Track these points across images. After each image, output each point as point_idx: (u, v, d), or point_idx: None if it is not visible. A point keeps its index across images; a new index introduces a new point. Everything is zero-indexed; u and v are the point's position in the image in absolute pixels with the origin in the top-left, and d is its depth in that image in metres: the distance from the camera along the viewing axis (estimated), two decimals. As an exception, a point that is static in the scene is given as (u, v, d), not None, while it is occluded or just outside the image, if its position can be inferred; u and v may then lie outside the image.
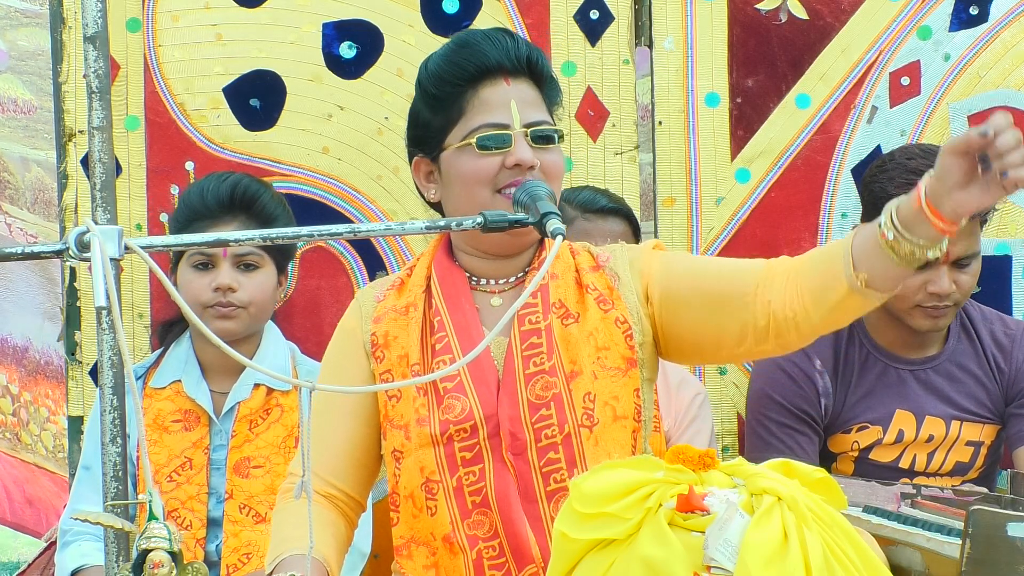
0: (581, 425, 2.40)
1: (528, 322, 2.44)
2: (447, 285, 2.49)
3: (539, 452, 2.39)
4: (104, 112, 2.10)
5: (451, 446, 2.40)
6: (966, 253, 3.10)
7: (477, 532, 2.40)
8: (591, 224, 3.27)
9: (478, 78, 2.47)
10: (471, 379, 2.42)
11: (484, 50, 2.49)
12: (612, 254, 2.53)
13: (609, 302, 2.47)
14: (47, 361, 5.17)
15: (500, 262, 2.50)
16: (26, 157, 5.24)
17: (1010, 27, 3.49)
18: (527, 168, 2.43)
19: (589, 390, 2.41)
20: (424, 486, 2.41)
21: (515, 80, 2.48)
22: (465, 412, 2.40)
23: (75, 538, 3.09)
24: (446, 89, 2.49)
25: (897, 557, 2.58)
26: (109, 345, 2.04)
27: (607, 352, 2.45)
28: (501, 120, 2.46)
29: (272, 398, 3.07)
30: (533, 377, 2.41)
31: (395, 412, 2.45)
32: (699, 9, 3.45)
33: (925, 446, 3.22)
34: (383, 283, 2.58)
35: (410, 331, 2.47)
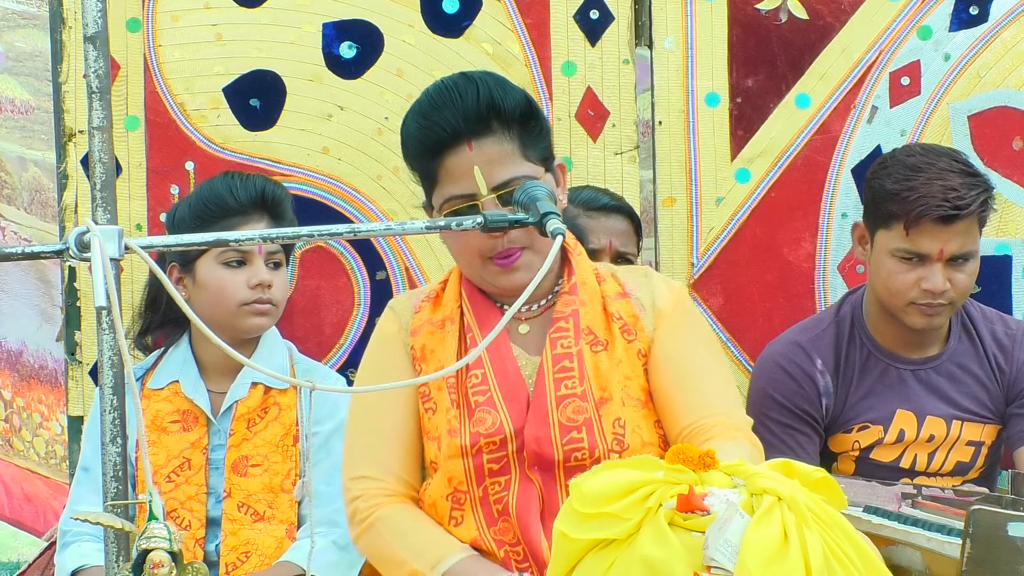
0: (611, 450, 2.43)
1: (560, 346, 2.46)
2: (477, 304, 2.52)
3: (567, 472, 2.41)
4: (104, 112, 2.10)
5: (480, 458, 2.43)
6: (961, 251, 3.09)
7: (503, 538, 2.42)
8: (593, 222, 3.27)
9: (441, 149, 2.46)
10: (501, 395, 2.44)
11: (442, 119, 2.45)
12: (638, 285, 2.56)
13: (633, 333, 2.50)
14: (41, 365, 5.16)
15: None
16: (23, 157, 5.24)
17: (1010, 27, 3.49)
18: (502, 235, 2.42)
19: (619, 416, 2.44)
20: (451, 496, 2.44)
21: (479, 140, 2.45)
22: (496, 426, 2.43)
23: (75, 538, 3.08)
24: (416, 162, 2.53)
25: (897, 557, 2.58)
26: (109, 345, 2.04)
27: (630, 382, 2.49)
28: (467, 191, 2.45)
29: (270, 396, 3.07)
30: (564, 400, 2.43)
31: (431, 424, 2.48)
32: (699, 9, 3.44)
33: (926, 446, 3.22)
34: (417, 294, 2.60)
35: (447, 344, 2.50)
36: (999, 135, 3.49)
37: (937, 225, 3.05)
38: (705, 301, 3.46)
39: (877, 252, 3.14)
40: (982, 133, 3.48)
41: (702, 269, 3.46)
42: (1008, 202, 3.49)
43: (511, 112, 2.47)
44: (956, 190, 3.04)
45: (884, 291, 3.14)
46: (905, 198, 3.05)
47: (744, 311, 3.47)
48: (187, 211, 3.10)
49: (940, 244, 3.06)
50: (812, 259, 3.49)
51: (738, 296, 3.47)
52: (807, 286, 3.49)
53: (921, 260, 3.09)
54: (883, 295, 3.16)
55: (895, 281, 3.11)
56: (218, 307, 3.05)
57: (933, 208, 3.03)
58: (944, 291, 3.09)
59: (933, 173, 3.06)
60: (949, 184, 3.04)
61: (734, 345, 3.47)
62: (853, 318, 3.25)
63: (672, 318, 2.52)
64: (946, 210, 3.03)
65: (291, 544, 2.99)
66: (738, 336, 3.47)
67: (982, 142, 3.47)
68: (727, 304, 3.47)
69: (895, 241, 3.09)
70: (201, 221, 3.05)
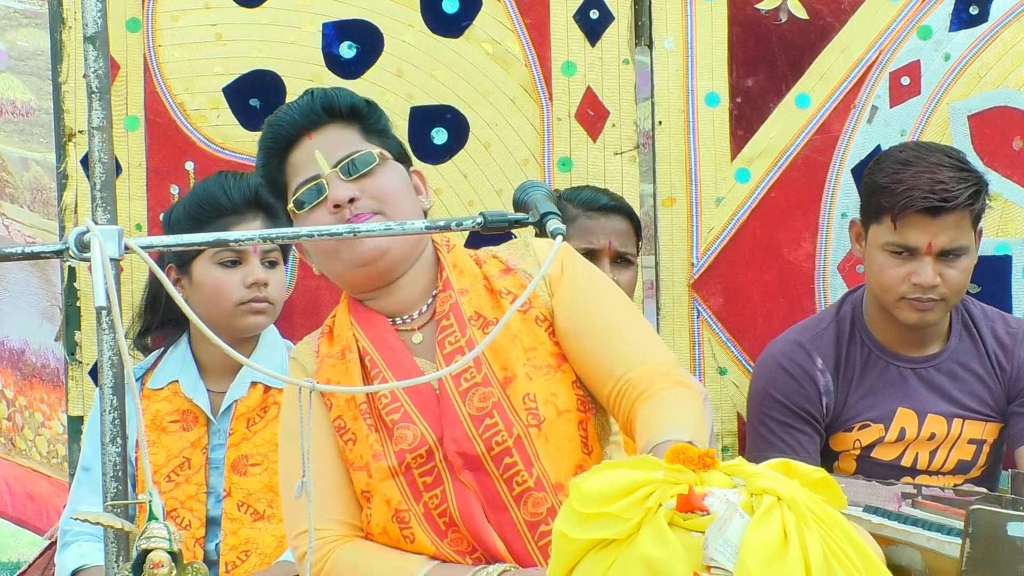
0: (528, 425, 2.40)
1: (449, 343, 2.44)
2: (368, 326, 2.50)
3: (495, 461, 2.39)
4: (104, 112, 2.10)
5: (410, 474, 2.41)
6: (951, 246, 3.09)
7: (460, 547, 2.40)
8: (594, 222, 3.27)
9: (285, 148, 2.50)
10: (415, 406, 2.43)
11: (280, 121, 2.52)
12: (520, 257, 2.53)
13: (526, 303, 2.46)
14: (44, 364, 5.16)
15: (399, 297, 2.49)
16: (25, 157, 5.24)
17: (1010, 27, 3.49)
18: (348, 203, 2.42)
19: (527, 391, 2.41)
20: (395, 517, 2.42)
21: (318, 131, 2.50)
22: (418, 439, 2.41)
23: (75, 538, 3.09)
24: (266, 173, 2.53)
25: (897, 557, 2.57)
26: (109, 345, 2.04)
27: (534, 352, 2.45)
28: (311, 174, 2.47)
29: (269, 396, 3.08)
30: (468, 392, 2.41)
31: (354, 455, 2.45)
32: (699, 9, 3.45)
33: (927, 444, 3.22)
34: (313, 337, 2.59)
35: (351, 372, 2.47)
36: (999, 135, 3.49)
37: (924, 217, 3.06)
38: (705, 301, 3.46)
39: (870, 247, 3.15)
40: (982, 133, 3.48)
41: (702, 269, 3.46)
42: (1008, 202, 3.49)
43: (345, 105, 2.52)
44: (944, 183, 3.05)
45: (877, 286, 3.15)
46: (893, 191, 3.06)
47: (744, 311, 3.48)
48: (182, 212, 3.10)
49: (928, 237, 3.07)
50: (812, 259, 3.49)
51: (738, 296, 3.48)
52: (807, 286, 3.49)
53: (911, 254, 3.09)
54: (876, 290, 3.17)
55: (885, 276, 3.11)
56: (215, 307, 3.06)
57: (919, 199, 3.04)
58: (934, 286, 3.09)
59: (923, 167, 3.07)
60: (937, 177, 3.05)
61: (734, 345, 3.47)
62: (853, 317, 3.26)
63: (563, 281, 2.48)
64: (932, 201, 3.03)
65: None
66: (738, 336, 3.47)
67: (982, 142, 3.47)
68: (727, 304, 3.47)
69: (885, 235, 3.10)
70: (196, 221, 3.06)
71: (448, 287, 2.49)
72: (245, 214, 3.07)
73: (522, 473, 2.39)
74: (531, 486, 2.37)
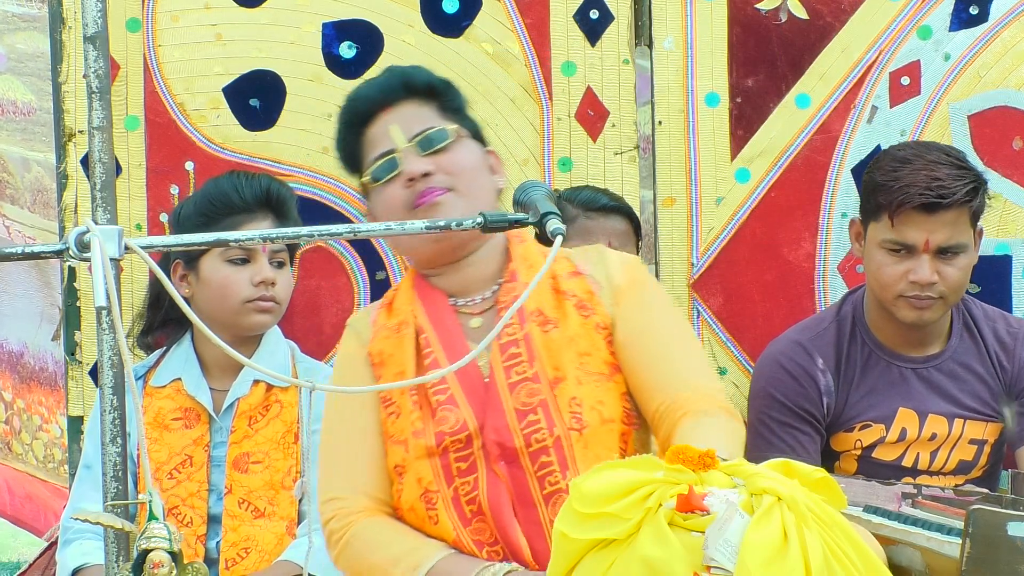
0: (570, 428, 2.41)
1: (506, 333, 2.45)
2: (429, 304, 2.52)
3: (531, 457, 2.40)
4: (104, 112, 2.10)
5: (446, 457, 2.42)
6: (948, 243, 3.09)
7: (481, 538, 2.41)
8: (593, 222, 3.27)
9: (362, 123, 2.55)
10: (462, 391, 2.44)
11: (359, 96, 2.58)
12: (592, 263, 2.55)
13: (589, 308, 2.49)
14: (42, 367, 5.16)
15: (459, 271, 2.51)
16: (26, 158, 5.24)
17: (1010, 27, 3.49)
18: (421, 177, 2.45)
19: (574, 395, 2.42)
20: (423, 496, 2.43)
21: (395, 107, 2.54)
22: (459, 423, 2.42)
23: (76, 536, 3.09)
24: (343, 149, 2.59)
25: (897, 556, 2.57)
26: (109, 345, 2.04)
27: (589, 357, 2.46)
28: (386, 148, 2.51)
29: (272, 394, 3.08)
30: (517, 386, 2.42)
31: (395, 428, 2.47)
32: (699, 9, 3.44)
33: (928, 444, 3.22)
34: (373, 306, 2.62)
35: (404, 347, 2.49)
36: (999, 135, 3.49)
37: (921, 214, 3.06)
38: (705, 301, 3.46)
39: (868, 245, 3.16)
40: (982, 133, 3.48)
41: (702, 269, 3.46)
42: (1008, 202, 3.49)
43: (422, 82, 2.56)
44: (941, 180, 3.05)
45: (875, 284, 3.16)
46: (890, 188, 3.06)
47: (744, 311, 3.47)
48: (192, 209, 3.11)
49: (926, 234, 3.07)
50: (812, 259, 3.49)
51: (738, 296, 3.47)
52: (807, 286, 3.49)
53: (909, 252, 3.10)
54: (875, 289, 3.17)
55: (883, 274, 3.12)
56: (221, 304, 3.07)
57: (915, 196, 3.04)
58: (932, 283, 3.09)
59: (920, 164, 3.08)
60: (935, 174, 3.06)
61: (734, 345, 3.47)
62: (854, 317, 3.25)
63: (630, 294, 2.51)
64: (929, 198, 3.04)
65: (291, 541, 3.00)
66: (738, 336, 3.47)
67: (982, 142, 3.47)
68: (727, 304, 3.47)
69: (883, 232, 3.10)
70: (207, 219, 3.06)
71: (514, 279, 2.51)
72: (255, 213, 3.08)
73: (556, 474, 2.40)
74: (563, 488, 2.38)
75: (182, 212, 3.14)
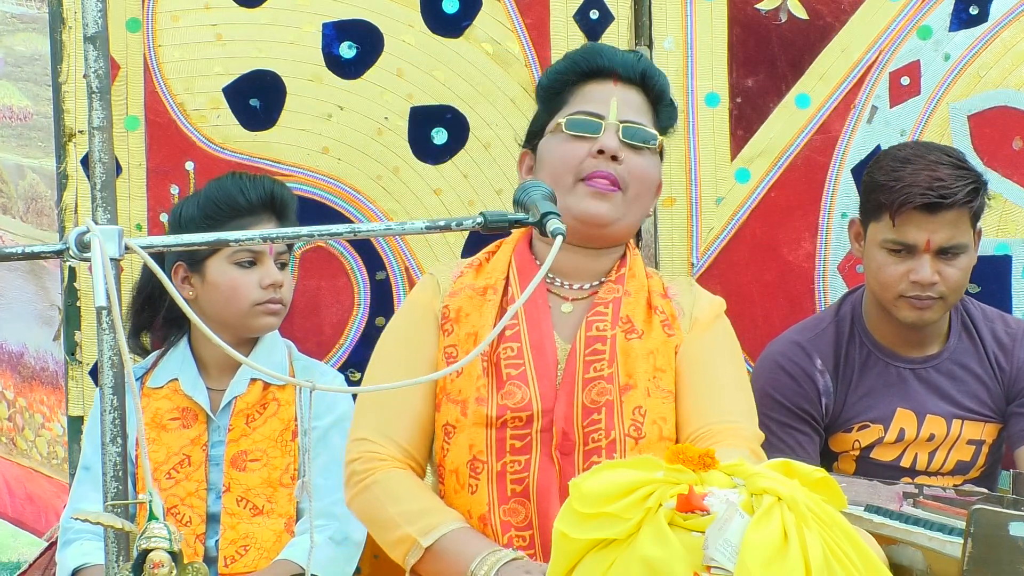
0: (627, 435, 2.44)
1: (596, 329, 2.48)
2: (525, 277, 2.53)
3: (585, 455, 2.42)
4: (104, 112, 2.10)
5: (503, 431, 2.44)
6: (949, 244, 3.09)
7: (512, 519, 2.43)
8: None
9: (588, 76, 2.60)
10: (535, 372, 2.45)
11: (601, 52, 2.63)
12: (681, 291, 2.64)
13: (672, 329, 2.53)
14: (43, 367, 5.16)
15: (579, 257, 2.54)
16: (21, 165, 5.23)
17: (1010, 27, 3.49)
18: (611, 158, 2.48)
19: (640, 404, 2.46)
20: (470, 464, 2.45)
21: (625, 86, 2.60)
22: (525, 401, 2.44)
23: (76, 536, 3.09)
24: (556, 80, 2.64)
25: (899, 556, 2.58)
26: (109, 345, 2.04)
27: (663, 374, 2.50)
28: (596, 110, 2.56)
29: (269, 392, 3.09)
30: (591, 382, 2.45)
31: (454, 387, 2.48)
32: (699, 9, 3.44)
33: (926, 445, 3.22)
34: (461, 262, 2.63)
35: (485, 312, 2.51)
36: (999, 135, 3.49)
37: (923, 214, 3.06)
38: (705, 301, 3.46)
39: (868, 245, 3.16)
40: (982, 133, 3.48)
41: (702, 269, 3.46)
42: (1008, 202, 3.49)
43: (657, 87, 2.64)
44: (942, 180, 3.05)
45: (875, 284, 3.16)
46: (891, 187, 3.07)
47: (744, 311, 3.47)
48: (195, 210, 3.11)
49: (927, 234, 3.07)
50: (812, 259, 3.49)
51: (738, 296, 3.47)
52: (807, 286, 3.49)
53: (909, 252, 3.10)
54: (875, 289, 3.17)
55: (884, 274, 3.12)
56: (230, 307, 3.07)
57: (917, 196, 3.04)
58: (933, 284, 3.09)
59: (921, 164, 3.08)
60: (936, 174, 3.06)
61: (734, 345, 3.47)
62: (853, 317, 3.25)
63: (704, 325, 2.57)
64: (930, 198, 3.04)
65: (290, 538, 3.00)
66: (738, 336, 3.46)
67: (982, 142, 3.47)
68: (727, 304, 3.47)
69: (883, 232, 3.11)
70: (211, 221, 3.07)
71: (620, 281, 2.56)
72: (260, 215, 3.09)
73: None
74: None
75: (183, 213, 3.14)
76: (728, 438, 2.44)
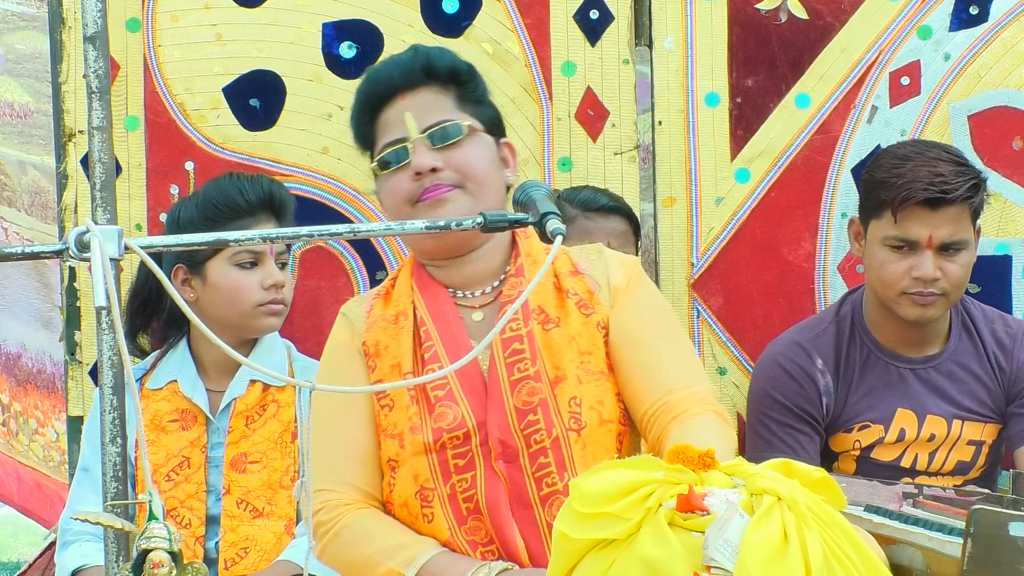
0: (569, 429, 2.40)
1: (509, 329, 2.43)
2: (430, 297, 2.49)
3: (531, 458, 2.39)
4: (104, 112, 2.10)
5: (444, 454, 2.40)
6: (951, 239, 3.10)
7: (475, 538, 2.40)
8: (593, 223, 3.27)
9: (378, 105, 2.50)
10: (461, 388, 2.42)
11: (377, 76, 2.52)
12: (591, 263, 2.53)
13: (590, 307, 2.47)
14: (39, 369, 5.16)
15: (461, 267, 2.49)
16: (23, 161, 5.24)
17: (1010, 27, 3.49)
18: (428, 172, 2.42)
19: (574, 394, 2.41)
20: (419, 494, 2.41)
21: (413, 93, 2.49)
22: (457, 420, 2.40)
23: (75, 538, 3.09)
24: (357, 127, 2.55)
25: (899, 556, 2.57)
26: (109, 345, 2.04)
27: (590, 356, 2.45)
28: (398, 136, 2.47)
29: (268, 394, 3.08)
30: (518, 384, 2.41)
31: (388, 421, 2.45)
32: (699, 9, 3.44)
33: (927, 445, 3.22)
34: (368, 295, 2.59)
35: (401, 340, 2.47)
36: (999, 135, 3.49)
37: (925, 210, 3.06)
38: (705, 301, 3.46)
39: (870, 243, 3.16)
40: (982, 133, 3.48)
41: (702, 269, 3.46)
42: (1008, 202, 3.49)
43: (445, 68, 2.50)
44: (943, 175, 3.06)
45: (877, 282, 3.16)
46: (892, 184, 3.07)
47: (744, 311, 3.47)
48: (195, 211, 3.10)
49: (929, 230, 3.08)
50: (812, 259, 3.49)
51: (738, 296, 3.47)
52: (807, 286, 3.49)
53: (911, 248, 3.10)
54: (877, 287, 3.17)
55: (886, 271, 3.12)
56: (232, 308, 3.07)
57: (919, 191, 3.05)
58: (935, 279, 3.09)
59: (922, 161, 3.09)
60: (937, 170, 3.07)
61: (734, 345, 3.47)
62: (853, 317, 3.26)
63: (627, 294, 2.49)
64: (932, 193, 3.05)
65: (290, 540, 2.99)
66: (738, 336, 3.47)
67: (982, 142, 3.47)
68: (727, 304, 3.47)
69: (885, 229, 3.11)
70: (210, 222, 3.06)
71: (520, 274, 2.49)
72: (259, 216, 3.08)
73: (553, 475, 2.39)
74: (559, 489, 2.37)
75: (181, 215, 3.13)
76: (687, 406, 2.40)
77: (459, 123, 2.47)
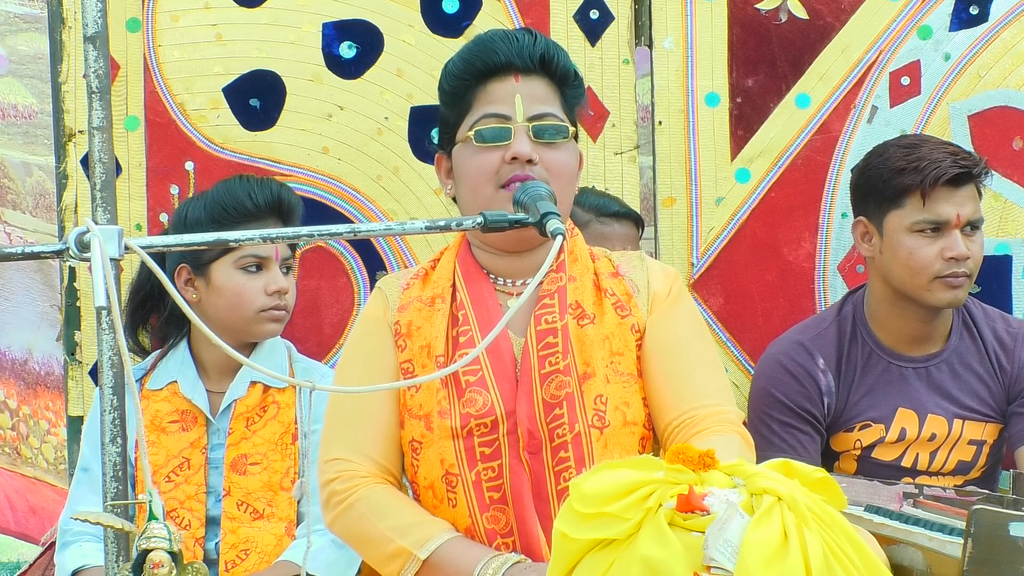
0: (591, 426, 2.40)
1: (544, 321, 2.44)
2: (471, 281, 2.50)
3: (552, 451, 2.40)
4: (104, 112, 2.09)
5: (471, 440, 2.40)
6: (974, 217, 3.15)
7: (495, 527, 2.41)
8: (607, 227, 3.30)
9: (487, 74, 2.47)
10: (493, 375, 2.42)
11: (495, 47, 2.48)
12: (633, 267, 2.55)
13: (627, 309, 2.48)
14: (47, 372, 5.15)
15: (513, 259, 2.50)
16: (27, 162, 5.23)
17: (1010, 27, 3.49)
18: (526, 162, 2.41)
19: (601, 392, 2.42)
20: (444, 478, 2.42)
21: (527, 77, 2.47)
22: (487, 407, 2.40)
23: (75, 538, 3.08)
24: (456, 84, 2.49)
25: (899, 556, 2.57)
26: (109, 345, 2.04)
27: (621, 357, 2.45)
28: (503, 112, 2.45)
29: (268, 395, 3.08)
30: (548, 376, 2.41)
31: (414, 402, 2.46)
32: (699, 9, 3.44)
33: (927, 445, 3.22)
34: (406, 274, 2.59)
35: (436, 322, 2.47)
36: (999, 135, 3.49)
37: (950, 189, 3.11)
38: (705, 301, 3.46)
39: (891, 236, 3.15)
40: (982, 133, 3.48)
41: (702, 269, 3.46)
42: (1008, 202, 3.49)
43: (559, 67, 2.49)
44: (958, 152, 3.14)
45: (906, 272, 3.14)
46: (916, 167, 3.10)
47: (744, 311, 3.47)
48: (202, 212, 3.08)
49: (956, 208, 3.12)
50: (812, 259, 3.49)
51: (738, 296, 3.47)
52: (807, 286, 3.49)
53: (939, 230, 3.12)
54: (904, 278, 3.15)
55: (917, 257, 3.12)
56: (234, 312, 3.06)
57: (947, 168, 3.10)
58: (967, 258, 3.12)
59: (932, 144, 3.17)
60: (951, 149, 3.15)
61: (734, 345, 3.47)
62: (855, 317, 3.26)
63: (666, 304, 2.50)
64: (959, 167, 3.10)
65: (290, 541, 2.99)
66: (738, 336, 3.47)
67: (982, 142, 3.47)
68: (727, 304, 3.47)
69: (911, 215, 3.12)
70: (217, 223, 3.05)
71: (562, 269, 2.49)
72: (266, 219, 3.07)
73: (572, 470, 2.39)
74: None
75: (188, 215, 3.11)
76: (711, 424, 2.41)
77: (566, 125, 2.47)
